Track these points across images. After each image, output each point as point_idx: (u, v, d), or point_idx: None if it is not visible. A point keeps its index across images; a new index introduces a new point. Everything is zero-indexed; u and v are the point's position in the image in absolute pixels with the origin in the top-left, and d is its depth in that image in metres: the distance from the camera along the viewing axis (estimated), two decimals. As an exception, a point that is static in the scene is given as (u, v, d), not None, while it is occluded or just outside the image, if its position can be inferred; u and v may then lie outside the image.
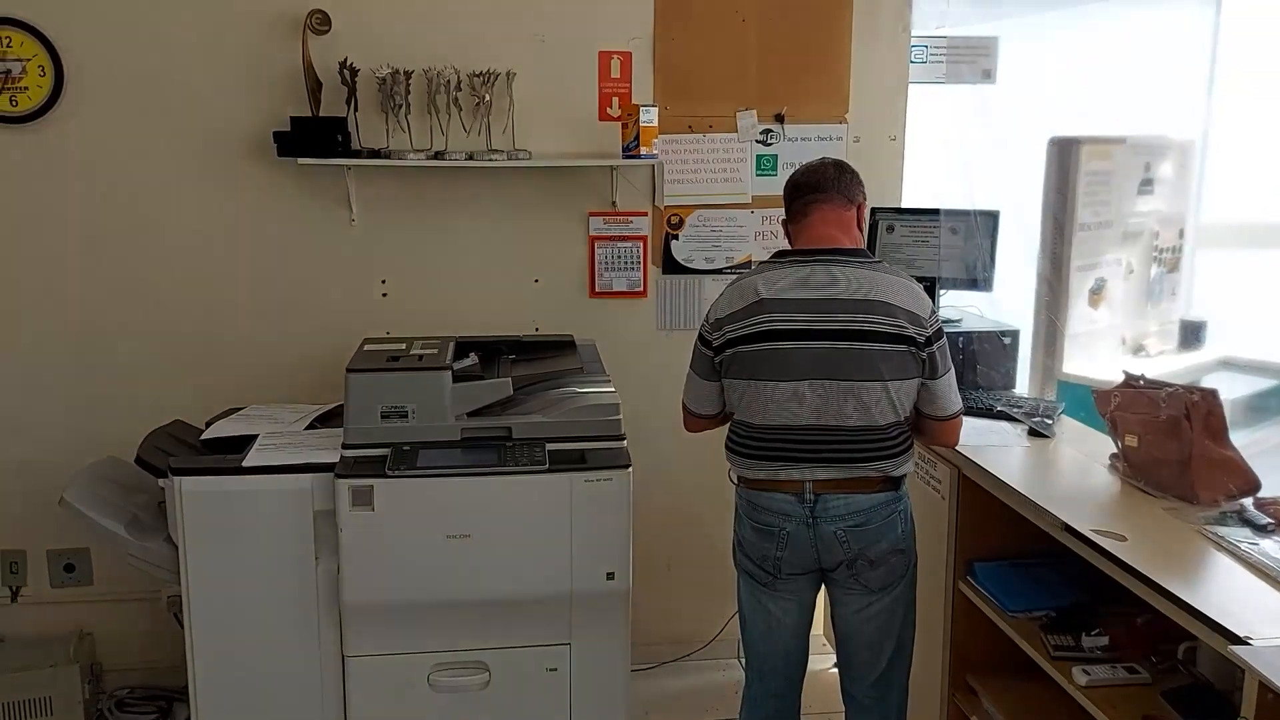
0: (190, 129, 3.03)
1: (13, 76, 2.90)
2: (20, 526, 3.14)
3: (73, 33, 2.93)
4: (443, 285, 3.23)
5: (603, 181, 3.23)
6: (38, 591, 3.20)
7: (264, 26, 3.00)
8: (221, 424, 2.81)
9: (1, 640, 3.15)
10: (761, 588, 2.34)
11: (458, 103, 3.05)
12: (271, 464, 2.53)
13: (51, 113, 2.95)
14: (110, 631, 3.24)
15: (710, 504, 3.34)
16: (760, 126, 3.29)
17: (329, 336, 3.18)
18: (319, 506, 2.51)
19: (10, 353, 3.07)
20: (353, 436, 2.55)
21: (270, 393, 3.13)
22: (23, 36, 2.88)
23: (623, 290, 3.31)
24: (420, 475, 2.49)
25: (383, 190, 3.15)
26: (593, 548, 2.54)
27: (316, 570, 2.54)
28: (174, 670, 3.18)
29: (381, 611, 2.53)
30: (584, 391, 2.73)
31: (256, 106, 3.03)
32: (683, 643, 3.46)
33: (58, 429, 3.11)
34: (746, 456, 2.28)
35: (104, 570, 3.21)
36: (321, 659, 2.58)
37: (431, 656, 2.57)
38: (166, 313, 3.12)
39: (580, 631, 2.60)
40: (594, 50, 3.17)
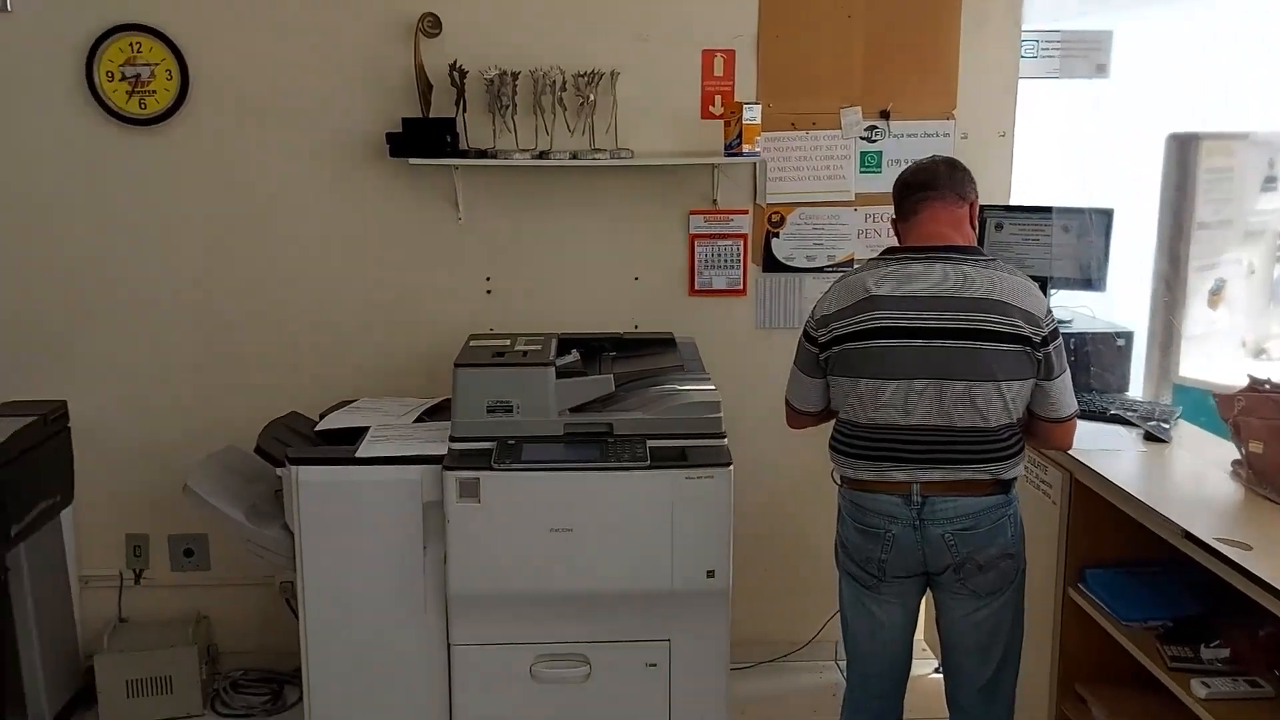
0: (308, 130, 3.13)
1: (142, 80, 3.03)
2: (144, 511, 3.29)
3: (198, 38, 3.05)
4: (545, 282, 3.28)
5: (703, 180, 3.23)
6: (159, 574, 3.34)
7: (378, 30, 3.08)
8: (334, 416, 2.90)
9: (125, 620, 3.29)
10: (865, 590, 2.32)
11: (562, 103, 3.09)
12: (383, 455, 2.60)
13: (177, 115, 3.08)
14: (226, 615, 3.36)
15: (808, 504, 3.33)
16: (865, 123, 3.25)
17: (435, 332, 3.25)
18: (427, 497, 2.58)
19: (139, 345, 3.21)
20: (460, 430, 2.61)
21: (379, 385, 3.22)
22: (152, 42, 3.01)
23: (722, 288, 3.31)
24: (524, 469, 2.53)
25: (488, 189, 3.20)
26: (693, 545, 2.55)
27: (424, 559, 2.60)
28: (285, 654, 3.30)
29: (486, 601, 2.58)
30: (684, 389, 2.75)
31: (370, 108, 3.12)
32: (778, 643, 3.44)
33: (181, 418, 3.24)
34: (851, 456, 2.26)
35: (221, 555, 3.33)
36: (428, 646, 2.64)
37: (534, 648, 2.62)
38: (283, 307, 3.23)
39: (680, 628, 2.61)
40: (697, 49, 3.17)
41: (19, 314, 3.14)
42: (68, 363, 3.18)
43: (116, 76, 3.02)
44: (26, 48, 3.01)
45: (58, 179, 3.10)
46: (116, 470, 3.24)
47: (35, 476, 2.87)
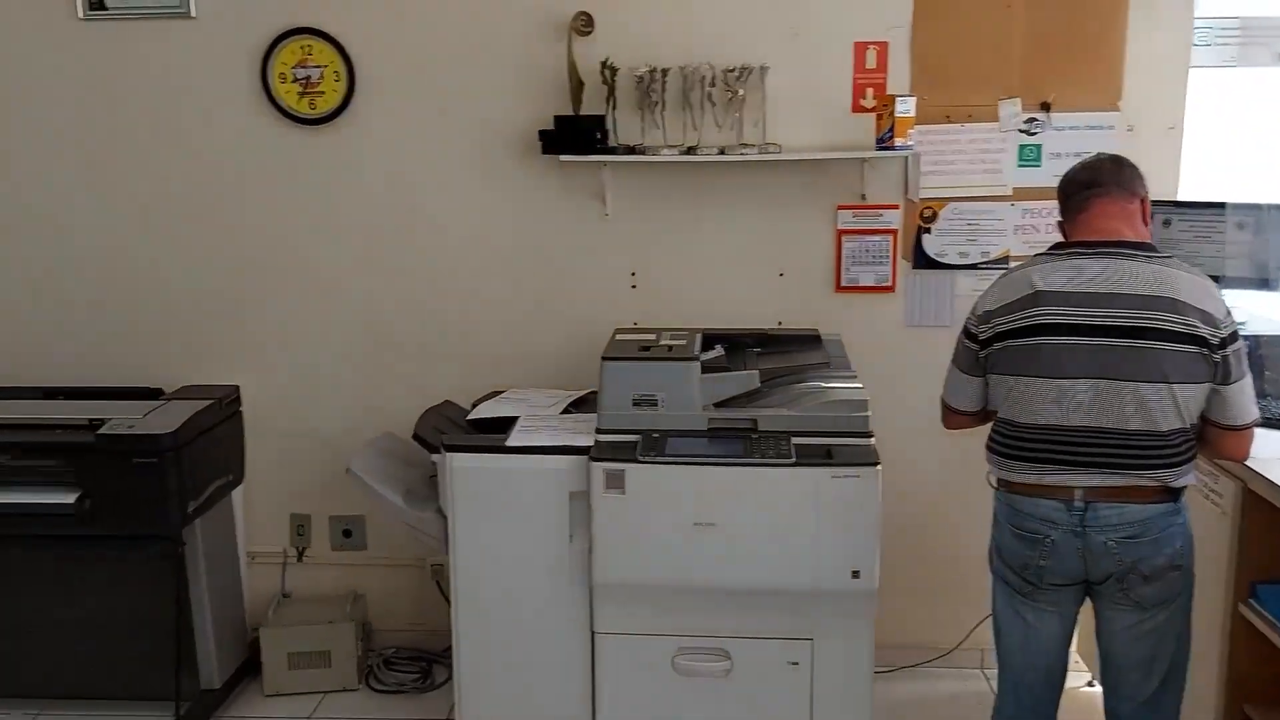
0: (464, 128, 3.23)
1: (312, 82, 3.18)
2: (307, 492, 3.45)
3: (364, 41, 3.18)
4: (689, 277, 3.29)
5: (853, 174, 3.19)
6: (320, 553, 3.51)
7: (533, 29, 3.15)
8: (485, 405, 2.99)
9: (288, 596, 3.47)
10: (1020, 597, 2.25)
11: (711, 98, 3.10)
12: (532, 445, 2.67)
13: (343, 115, 3.22)
14: (380, 594, 3.50)
15: (955, 507, 3.25)
16: (1024, 116, 3.14)
17: (580, 325, 3.30)
18: (574, 487, 2.63)
19: (305, 334, 3.37)
20: (605, 422, 2.65)
21: (526, 377, 3.29)
22: (322, 45, 3.16)
23: (870, 285, 3.26)
24: (669, 462, 2.55)
25: (636, 185, 3.24)
26: (838, 544, 2.52)
27: (570, 548, 2.65)
28: (434, 635, 3.43)
29: (630, 591, 2.62)
30: (831, 387, 2.72)
31: (523, 106, 3.19)
32: (923, 649, 3.37)
33: (342, 404, 3.39)
34: (1010, 458, 2.19)
35: (377, 536, 3.48)
36: (573, 633, 2.69)
37: (676, 640, 2.64)
38: (437, 300, 3.34)
39: (823, 628, 2.59)
40: (849, 41, 3.13)
41: (198, 304, 3.35)
42: (240, 350, 3.37)
43: (289, 78, 3.18)
44: (208, 51, 3.20)
45: (233, 175, 3.28)
46: (283, 453, 3.42)
47: (210, 457, 3.05)
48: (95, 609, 3.11)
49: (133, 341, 3.36)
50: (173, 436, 2.84)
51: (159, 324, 3.36)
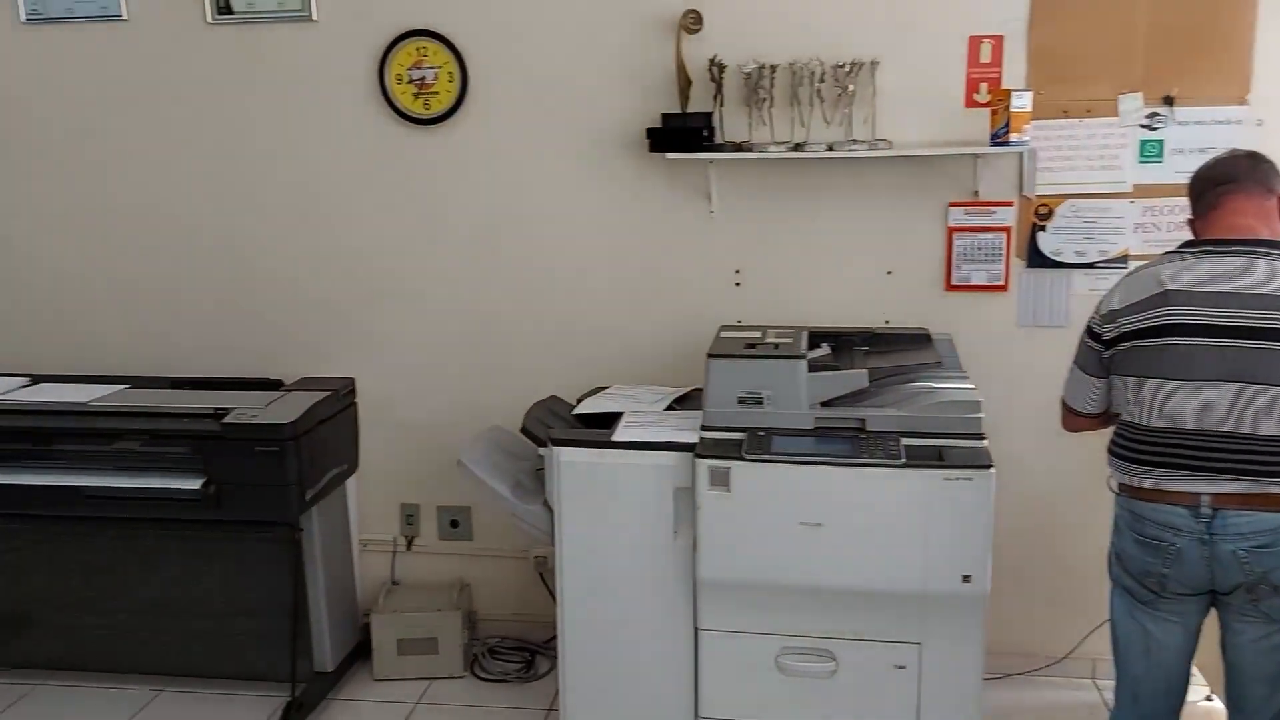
0: (571, 126, 3.27)
1: (426, 83, 3.26)
2: (417, 483, 3.54)
3: (477, 41, 3.25)
4: (794, 275, 3.27)
5: (965, 171, 3.12)
6: (428, 542, 3.59)
7: (641, 28, 3.17)
8: (590, 401, 3.02)
9: (397, 583, 3.57)
10: (1141, 606, 2.18)
11: (820, 94, 3.08)
12: (637, 440, 2.68)
13: (456, 115, 3.29)
14: (485, 584, 3.58)
15: (1067, 512, 3.17)
16: (1146, 110, 3.04)
17: (684, 322, 3.31)
18: (678, 483, 2.64)
19: (417, 328, 3.46)
20: (711, 419, 2.66)
21: (630, 373, 3.32)
22: (437, 46, 3.23)
23: (982, 284, 3.19)
24: (775, 461, 2.54)
25: (742, 182, 3.23)
26: (949, 548, 2.48)
27: (674, 544, 2.67)
28: (538, 625, 3.49)
29: (734, 589, 2.62)
30: (942, 387, 2.68)
31: (630, 104, 3.22)
32: (1032, 656, 3.29)
33: (451, 397, 3.47)
34: (1133, 462, 2.13)
35: (483, 527, 3.55)
36: (676, 629, 2.70)
37: (780, 639, 2.63)
38: (545, 296, 3.39)
39: (932, 632, 2.55)
40: (963, 35, 3.07)
41: (316, 298, 3.46)
42: (356, 344, 3.47)
43: (404, 79, 3.26)
44: (328, 53, 3.30)
45: (350, 174, 3.38)
46: (394, 443, 3.51)
47: (327, 446, 3.16)
48: (217, 591, 3.25)
49: (255, 335, 3.49)
50: (293, 426, 2.94)
51: (280, 318, 3.48)
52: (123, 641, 3.30)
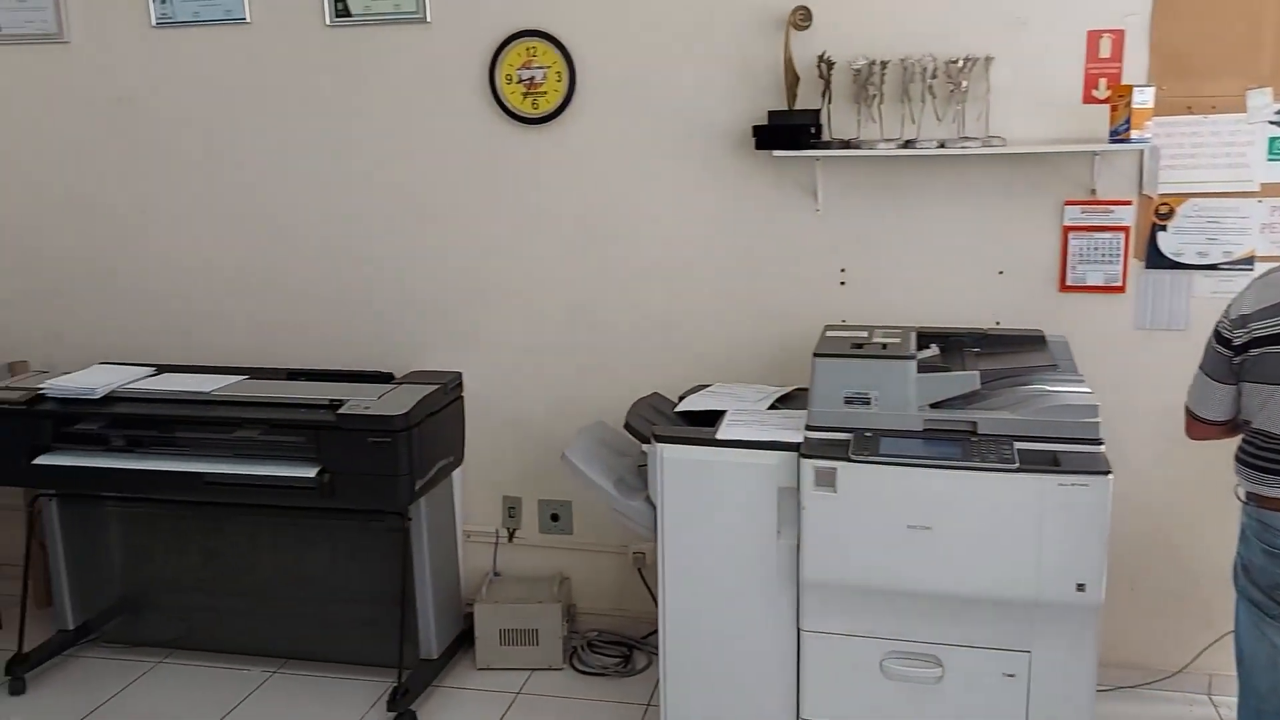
0: (677, 125, 3.27)
1: (535, 83, 3.30)
2: (519, 476, 3.60)
3: (585, 41, 3.28)
4: (901, 275, 3.22)
5: (1082, 168, 3.04)
6: (529, 535, 3.65)
7: (749, 25, 3.16)
8: (693, 398, 3.03)
9: (499, 574, 3.63)
10: (1268, 619, 2.09)
11: (932, 91, 3.02)
12: (741, 439, 2.68)
13: (563, 114, 3.33)
14: (584, 578, 3.61)
15: (1185, 522, 3.07)
16: (1275, 106, 2.91)
17: (787, 321, 3.30)
18: (782, 483, 2.63)
19: (521, 324, 3.51)
20: (816, 419, 2.64)
21: (732, 372, 3.31)
22: (546, 46, 3.27)
23: (1098, 285, 3.10)
24: (883, 462, 2.51)
25: (849, 180, 3.20)
26: (1062, 555, 2.42)
27: (778, 544, 2.65)
28: (636, 620, 3.51)
29: (838, 591, 2.60)
30: (1056, 390, 2.61)
31: (736, 102, 3.21)
32: (1146, 668, 3.19)
33: (554, 393, 3.51)
34: (1264, 470, 2.04)
35: (582, 522, 3.58)
36: (779, 630, 2.69)
37: (885, 643, 2.60)
38: (648, 294, 3.40)
39: (1043, 641, 2.49)
40: (1082, 30, 2.98)
41: (425, 294, 3.53)
42: (463, 338, 3.53)
43: (514, 79, 3.31)
44: (441, 54, 3.36)
45: (459, 173, 3.44)
46: (498, 437, 3.57)
47: (435, 438, 3.22)
48: (328, 577, 3.35)
49: (367, 328, 3.58)
50: (404, 418, 3.01)
51: (390, 313, 3.56)
52: (239, 623, 3.43)
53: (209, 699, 3.23)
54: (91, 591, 3.52)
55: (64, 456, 3.20)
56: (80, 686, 3.31)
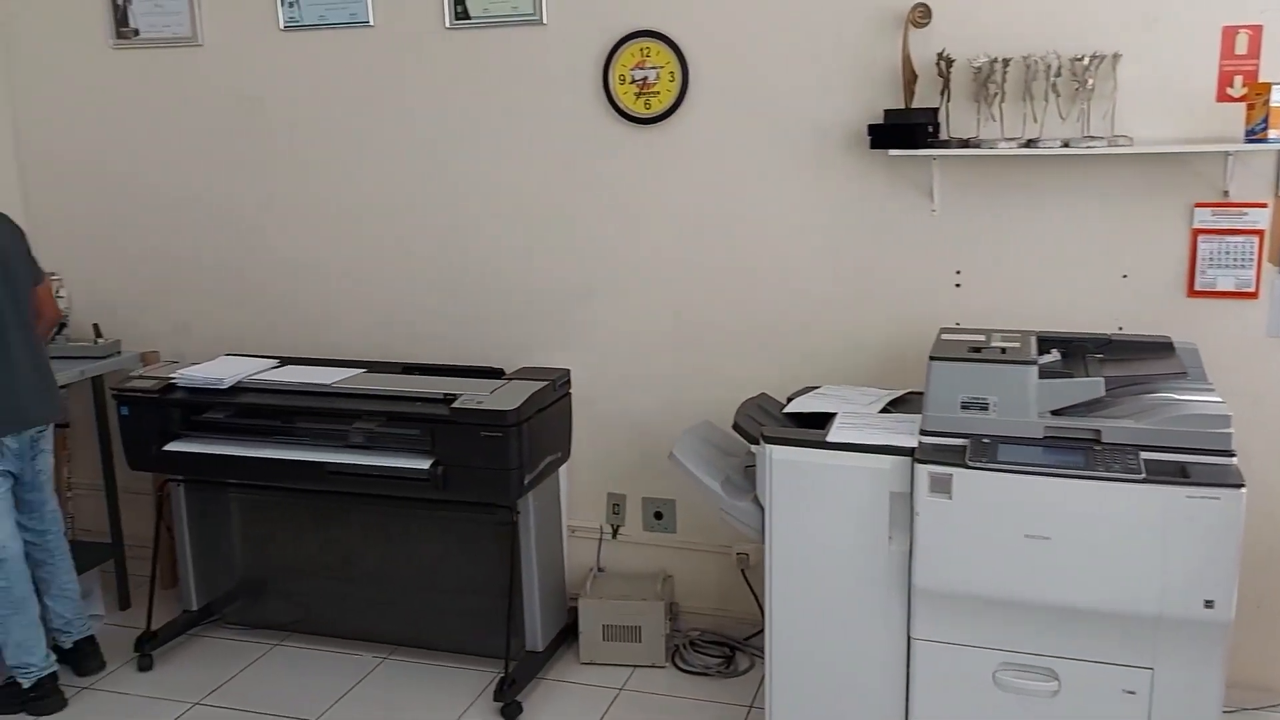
0: (789, 124, 3.26)
1: (649, 83, 3.32)
2: (624, 474, 3.62)
3: (699, 41, 3.28)
4: (1019, 277, 3.15)
5: (1214, 169, 2.92)
6: (632, 532, 3.67)
7: (864, 23, 3.13)
8: (801, 399, 3.01)
9: (603, 570, 3.66)
10: None
11: (1055, 89, 2.94)
12: (853, 442, 2.65)
13: (675, 114, 3.34)
14: (686, 576, 3.62)
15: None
16: None
17: (899, 323, 3.26)
18: (895, 488, 2.59)
19: (629, 323, 3.53)
20: (931, 423, 2.59)
21: (841, 373, 3.28)
22: (660, 47, 3.29)
23: (1229, 290, 2.98)
24: (1001, 470, 2.45)
25: (966, 180, 3.14)
26: (1190, 570, 2.33)
27: (889, 549, 2.62)
28: (738, 622, 3.51)
29: (951, 600, 2.55)
30: (1185, 399, 2.52)
31: (849, 100, 3.18)
32: (1271, 690, 3.06)
33: (660, 392, 3.52)
34: None
35: (686, 521, 3.59)
36: (888, 637, 2.66)
37: (999, 654, 2.54)
38: (756, 294, 3.39)
39: (1166, 658, 2.40)
40: (1216, 26, 2.87)
41: (536, 292, 3.58)
42: (571, 336, 3.58)
43: (627, 79, 3.33)
44: (556, 55, 3.41)
45: (570, 172, 3.48)
46: (603, 435, 3.60)
47: (544, 434, 3.27)
48: (439, 567, 3.43)
49: (478, 324, 3.65)
50: (515, 413, 3.06)
51: (502, 310, 3.62)
52: (352, 609, 3.54)
53: (324, 682, 3.34)
54: (214, 574, 3.67)
55: (192, 444, 3.34)
56: (203, 665, 3.46)
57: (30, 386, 3.11)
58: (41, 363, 3.18)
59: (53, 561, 3.30)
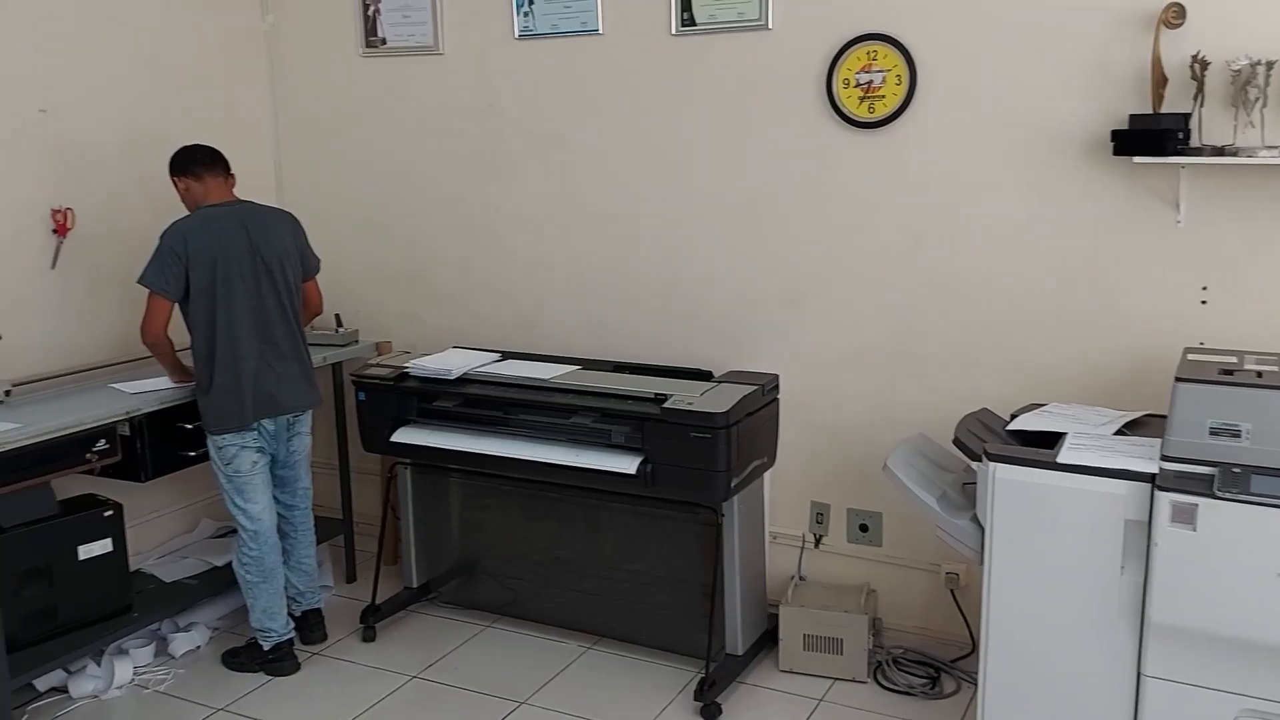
0: (1021, 129, 3.13)
1: (873, 87, 3.27)
2: (828, 483, 3.58)
3: (929, 44, 3.20)
4: (1275, 296, 2.91)
5: None
6: (835, 543, 3.61)
7: (1109, 24, 2.97)
8: (1027, 417, 2.88)
9: (804, 578, 3.63)
10: None
11: (1327, 93, 2.71)
12: (1086, 464, 2.52)
13: (899, 118, 3.27)
14: (891, 592, 3.53)
15: None
16: None
17: (1136, 341, 3.08)
18: (1131, 515, 2.45)
19: (840, 330, 3.48)
20: (1174, 449, 2.43)
21: (1070, 391, 3.13)
22: (888, 50, 3.23)
23: None
24: (1255, 502, 2.29)
25: (1218, 190, 2.93)
26: None
27: (1120, 579, 2.48)
28: (942, 642, 3.41)
29: (1189, 637, 2.39)
30: None
31: (1088, 105, 3.02)
32: None
33: (870, 402, 3.46)
34: None
35: (892, 535, 3.51)
36: (1114, 672, 2.51)
37: (1240, 699, 2.37)
38: (979, 305, 3.27)
39: None
40: None
41: (748, 295, 3.59)
42: (781, 341, 3.55)
43: (851, 83, 3.29)
44: (780, 60, 3.40)
45: (788, 176, 3.46)
46: (809, 442, 3.56)
47: (752, 438, 3.27)
48: (644, 563, 3.49)
49: (689, 326, 3.68)
50: (726, 416, 3.08)
51: (713, 312, 3.64)
52: (558, 597, 3.65)
53: (530, 667, 3.45)
54: (433, 554, 3.86)
55: (421, 430, 3.53)
56: (420, 640, 3.65)
57: (292, 375, 3.37)
58: (303, 353, 3.44)
59: (296, 535, 3.57)
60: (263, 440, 3.35)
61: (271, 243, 3.32)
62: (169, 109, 3.88)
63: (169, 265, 3.18)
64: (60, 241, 3.55)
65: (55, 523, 3.20)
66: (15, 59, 3.43)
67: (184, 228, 3.23)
